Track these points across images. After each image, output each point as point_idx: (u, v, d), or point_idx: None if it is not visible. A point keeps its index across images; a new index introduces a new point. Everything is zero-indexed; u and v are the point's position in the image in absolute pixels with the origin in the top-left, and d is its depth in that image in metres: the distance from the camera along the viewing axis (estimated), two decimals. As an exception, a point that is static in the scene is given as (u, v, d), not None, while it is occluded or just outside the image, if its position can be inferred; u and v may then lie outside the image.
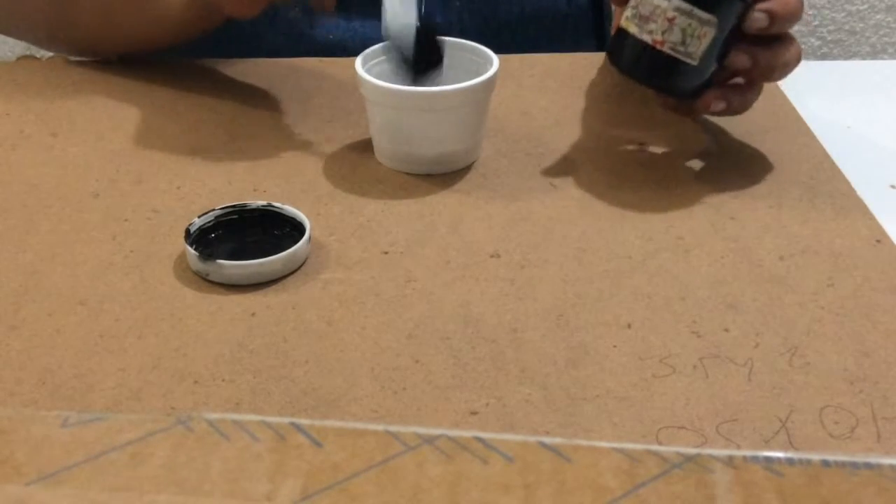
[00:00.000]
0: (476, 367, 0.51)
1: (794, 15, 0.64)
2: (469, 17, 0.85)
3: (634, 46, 0.63)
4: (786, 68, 0.66)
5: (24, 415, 0.35)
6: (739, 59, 0.64)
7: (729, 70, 0.65)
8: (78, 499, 0.31)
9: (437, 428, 0.33)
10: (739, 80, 0.66)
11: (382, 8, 0.65)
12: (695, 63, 0.63)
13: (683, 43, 0.62)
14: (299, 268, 0.58)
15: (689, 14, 0.61)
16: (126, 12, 0.77)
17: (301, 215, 0.60)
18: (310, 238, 0.59)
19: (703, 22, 0.61)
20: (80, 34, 0.81)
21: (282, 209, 0.61)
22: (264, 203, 0.61)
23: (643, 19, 0.63)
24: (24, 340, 0.53)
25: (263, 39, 0.85)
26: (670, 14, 0.62)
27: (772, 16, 0.63)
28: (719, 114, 0.66)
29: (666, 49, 0.62)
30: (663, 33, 0.62)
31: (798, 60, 0.66)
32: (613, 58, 0.66)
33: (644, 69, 0.64)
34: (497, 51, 0.69)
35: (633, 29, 0.63)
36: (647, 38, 0.63)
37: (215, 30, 0.78)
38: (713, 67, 0.64)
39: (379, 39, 0.70)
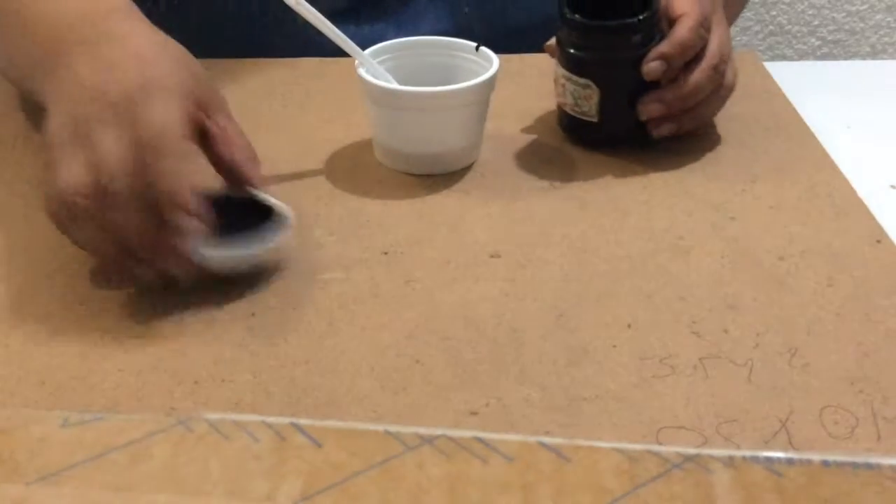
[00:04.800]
0: (476, 367, 0.51)
1: (691, 44, 0.66)
2: (478, 25, 0.86)
3: (558, 108, 0.71)
4: (701, 91, 0.67)
5: (24, 415, 0.35)
6: (649, 108, 0.67)
7: (649, 116, 0.68)
8: (78, 499, 0.31)
9: (437, 428, 0.33)
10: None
11: None
12: (594, 120, 0.68)
13: (577, 105, 0.68)
14: (284, 258, 0.58)
15: (570, 80, 0.68)
16: None
17: (281, 204, 0.58)
18: (290, 225, 0.57)
19: (582, 86, 0.67)
20: None
21: (262, 198, 0.59)
22: (244, 193, 0.60)
23: (554, 83, 0.70)
24: (24, 340, 0.53)
25: (270, 45, 0.85)
26: (561, 80, 0.68)
27: (667, 58, 0.65)
28: (675, 132, 0.69)
29: (568, 110, 0.69)
30: (562, 96, 0.69)
31: (716, 64, 0.67)
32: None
33: (564, 128, 0.72)
34: None
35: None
36: (559, 100, 0.70)
37: (222, 35, 0.78)
38: (625, 117, 0.68)
39: None
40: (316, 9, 0.63)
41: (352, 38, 0.65)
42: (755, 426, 0.47)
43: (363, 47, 0.67)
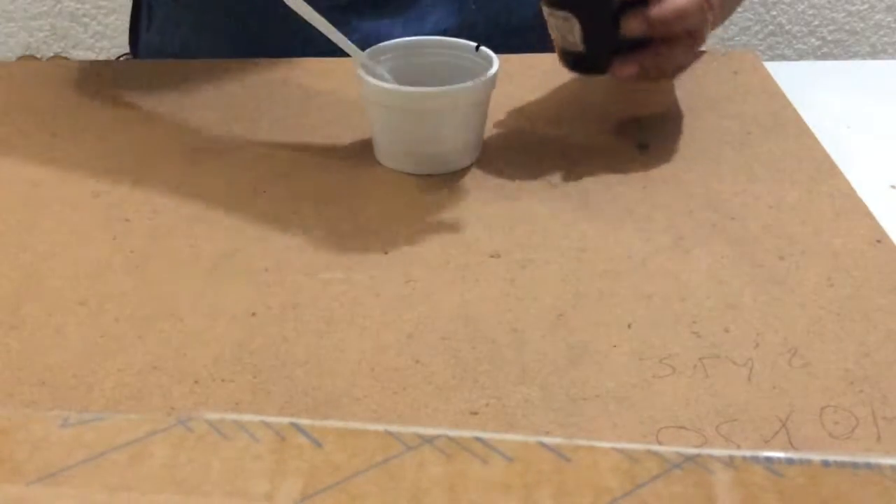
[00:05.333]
0: (476, 367, 0.51)
1: None
2: (483, 23, 0.86)
3: (557, 52, 0.72)
4: (685, 17, 0.65)
5: (24, 415, 0.35)
6: (631, 25, 0.66)
7: (631, 37, 0.67)
8: (78, 499, 0.31)
9: (437, 428, 0.33)
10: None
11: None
12: (582, 50, 0.69)
13: (564, 38, 0.69)
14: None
15: (552, 15, 0.68)
16: None
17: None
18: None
19: (564, 19, 0.68)
20: None
21: None
22: None
23: (550, 32, 0.70)
24: (24, 340, 0.53)
25: (272, 41, 0.85)
26: (547, 18, 0.69)
27: None
28: (637, 77, 0.68)
29: (560, 45, 0.70)
30: (552, 33, 0.70)
31: (699, 6, 0.65)
32: None
33: (565, 63, 0.72)
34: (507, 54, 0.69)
35: None
36: (554, 43, 0.71)
37: (224, 32, 0.78)
38: (610, 41, 0.68)
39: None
40: (317, 3, 0.63)
41: (354, 33, 0.65)
42: (755, 426, 0.47)
43: (366, 43, 0.67)
